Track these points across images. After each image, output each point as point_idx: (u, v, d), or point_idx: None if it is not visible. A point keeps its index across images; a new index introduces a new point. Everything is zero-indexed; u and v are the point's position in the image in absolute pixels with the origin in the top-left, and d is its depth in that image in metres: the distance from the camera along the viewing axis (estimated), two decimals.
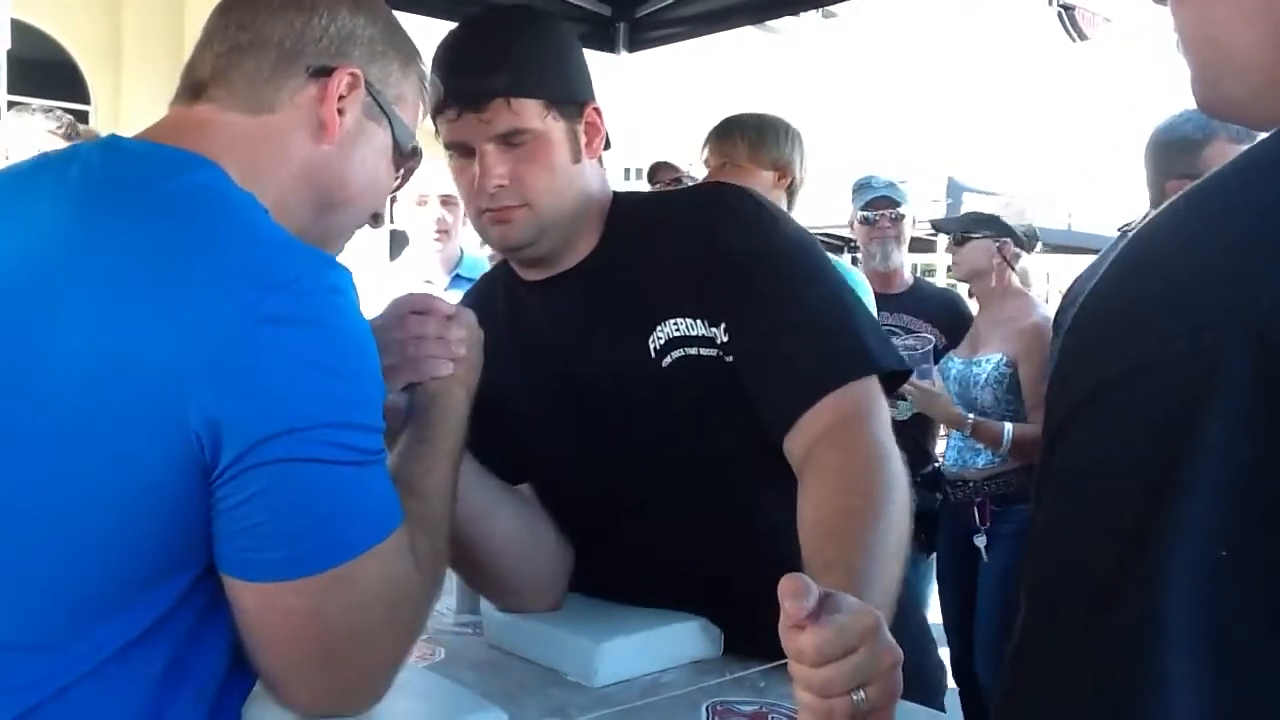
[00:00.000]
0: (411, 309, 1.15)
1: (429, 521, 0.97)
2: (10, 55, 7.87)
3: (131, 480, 0.80)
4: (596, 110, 1.33)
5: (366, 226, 1.08)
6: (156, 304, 0.80)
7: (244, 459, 0.80)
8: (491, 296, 1.43)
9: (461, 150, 1.28)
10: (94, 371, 0.79)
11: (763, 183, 2.44)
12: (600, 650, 1.18)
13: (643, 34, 3.21)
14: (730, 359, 1.22)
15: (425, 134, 1.22)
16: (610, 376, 1.29)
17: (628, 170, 6.33)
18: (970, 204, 3.78)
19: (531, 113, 1.25)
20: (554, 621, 1.27)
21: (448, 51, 1.29)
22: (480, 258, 3.32)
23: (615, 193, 1.40)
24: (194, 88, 0.97)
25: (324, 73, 0.98)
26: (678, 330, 1.25)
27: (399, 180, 1.09)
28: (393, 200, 2.89)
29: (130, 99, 9.27)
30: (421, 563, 0.91)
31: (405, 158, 1.07)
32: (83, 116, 8.55)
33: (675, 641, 1.24)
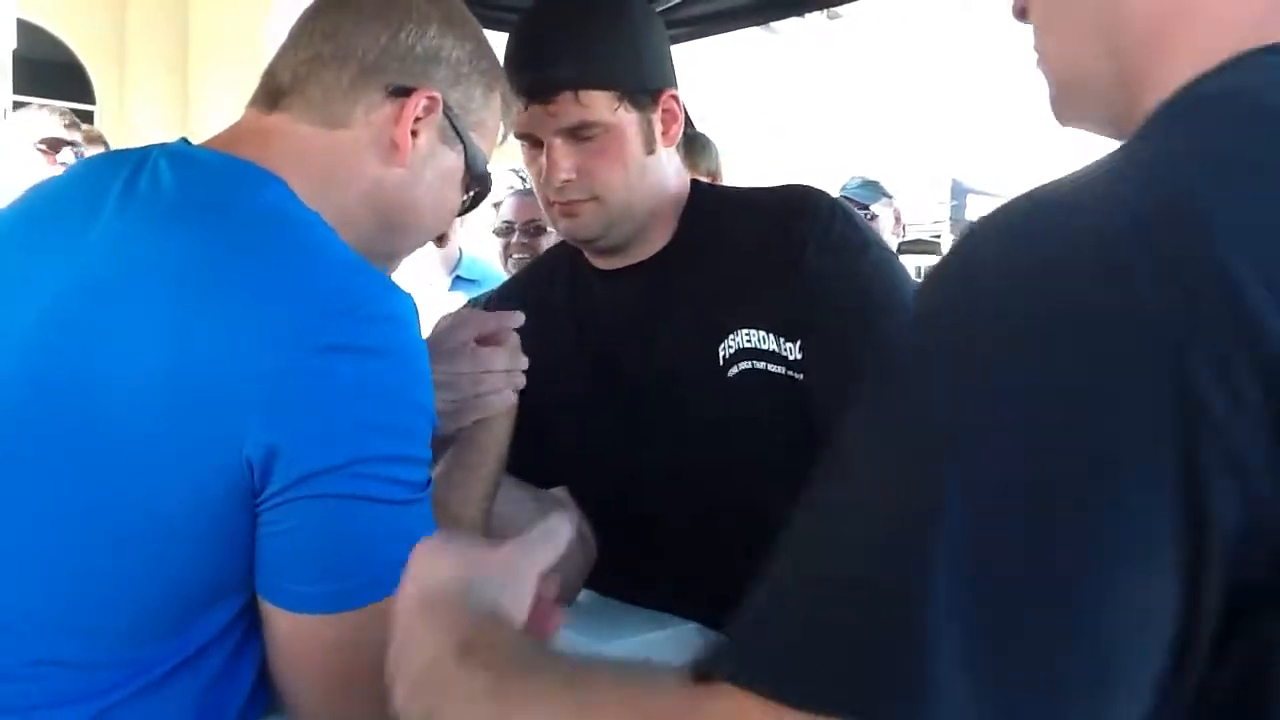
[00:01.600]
0: (479, 334, 1.10)
1: None
2: (16, 55, 7.90)
3: (188, 503, 0.79)
4: (674, 97, 1.27)
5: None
6: (218, 325, 0.79)
7: (292, 489, 0.78)
8: (550, 280, 1.39)
9: (531, 140, 1.24)
10: (155, 389, 0.78)
11: None
12: (603, 653, 1.18)
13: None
14: (800, 377, 1.18)
15: None
16: (671, 378, 1.25)
17: None
18: (974, 206, 3.80)
19: (601, 105, 1.20)
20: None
21: (517, 39, 1.25)
22: (479, 258, 3.32)
23: (694, 181, 1.35)
24: (272, 94, 0.95)
25: (403, 93, 0.95)
26: (749, 342, 1.20)
27: (468, 204, 1.05)
28: None
29: (135, 98, 9.29)
30: None
31: (475, 182, 1.04)
32: (87, 116, 8.58)
33: (679, 644, 1.24)
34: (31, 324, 0.84)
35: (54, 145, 2.63)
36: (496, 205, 3.40)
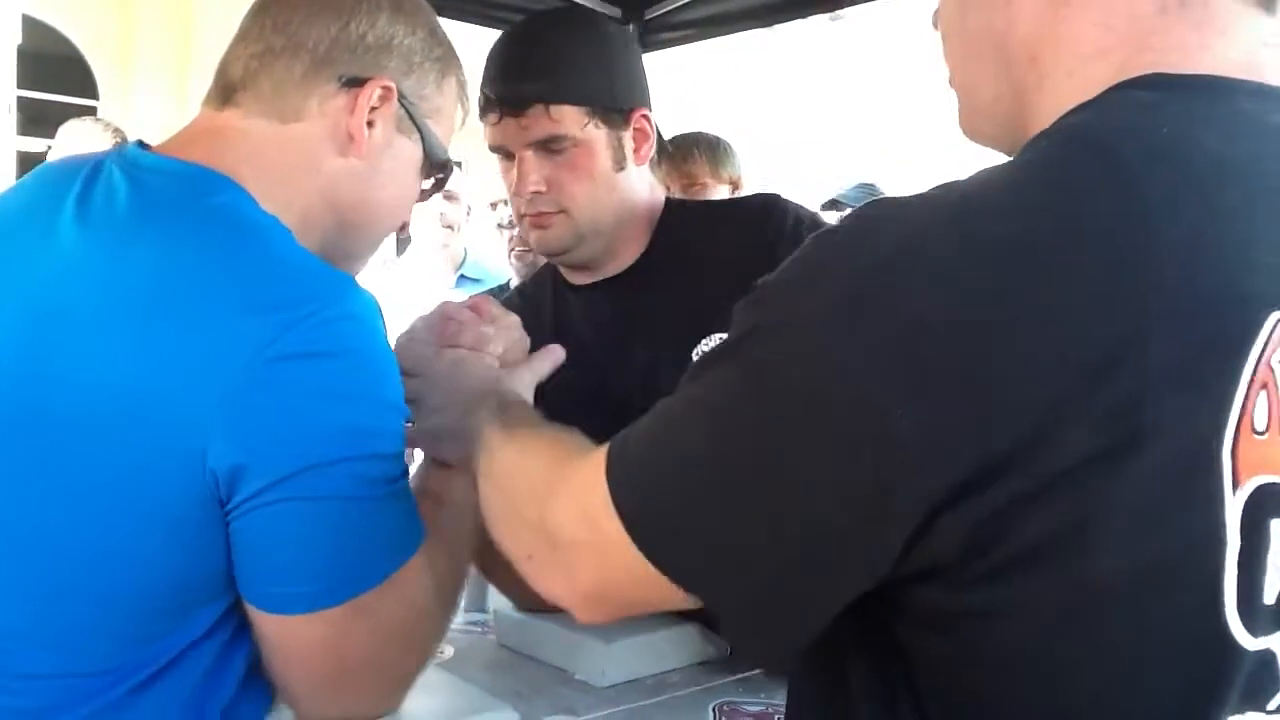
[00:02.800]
0: (445, 316, 1.11)
1: (453, 533, 0.96)
2: (20, 50, 7.90)
3: (156, 514, 0.79)
4: (646, 116, 1.29)
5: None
6: (171, 339, 0.79)
7: (259, 497, 0.79)
8: (539, 300, 1.41)
9: (504, 153, 1.27)
10: (115, 408, 0.78)
11: (719, 196, 2.59)
12: (609, 650, 1.19)
13: (652, 35, 3.21)
14: None
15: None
16: (645, 391, 1.27)
17: None
18: None
19: (571, 120, 1.23)
20: (563, 622, 1.28)
21: (495, 54, 1.28)
22: (481, 261, 3.33)
23: (668, 199, 1.37)
24: (224, 90, 0.94)
25: (356, 83, 0.94)
26: None
27: (428, 192, 1.06)
28: None
29: (139, 94, 9.28)
30: (440, 582, 0.91)
31: (435, 169, 1.04)
32: (91, 112, 8.57)
33: (682, 643, 1.25)
34: None
35: None
36: (500, 203, 3.41)
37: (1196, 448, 0.53)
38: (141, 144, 0.94)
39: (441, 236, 3.14)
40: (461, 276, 3.20)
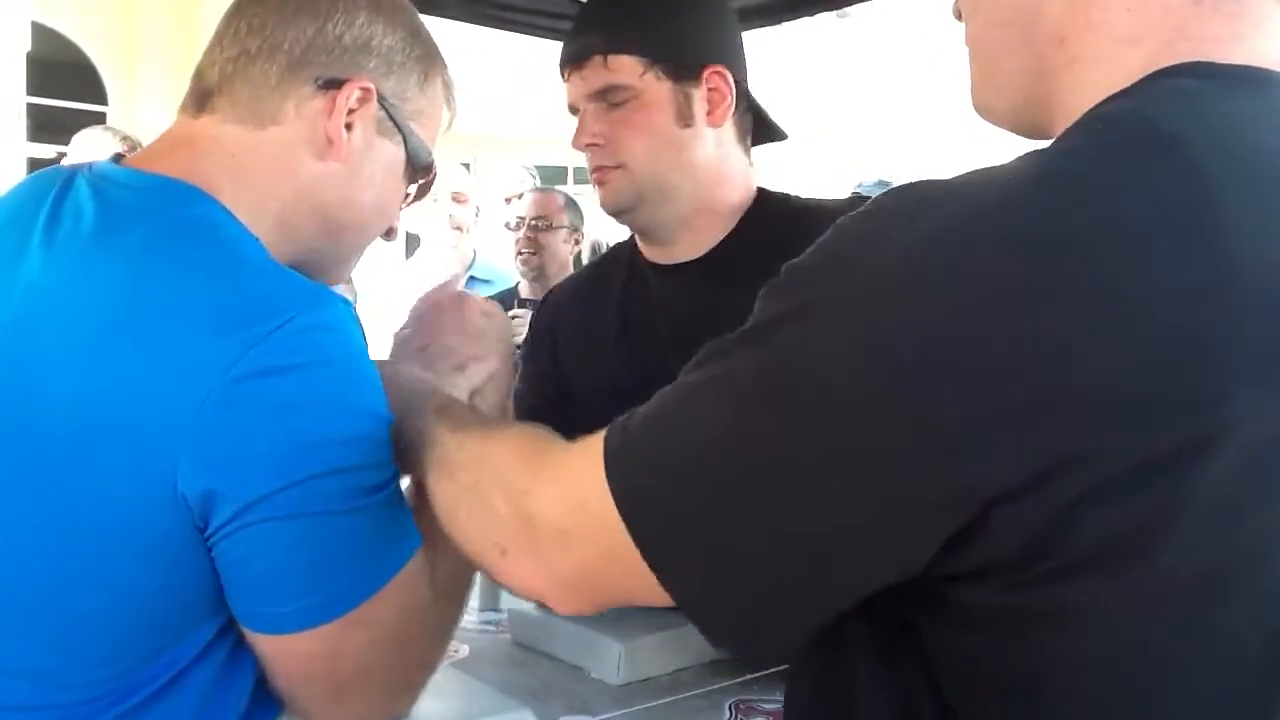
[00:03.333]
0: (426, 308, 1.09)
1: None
2: (29, 56, 7.93)
3: (128, 537, 0.77)
4: (721, 74, 1.26)
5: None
6: (136, 359, 0.76)
7: (236, 520, 0.77)
8: (610, 273, 1.39)
9: (575, 112, 1.27)
10: (81, 424, 0.76)
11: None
12: (624, 649, 1.19)
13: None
14: None
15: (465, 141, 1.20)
16: None
17: None
18: None
19: (628, 70, 1.22)
20: (578, 620, 1.27)
21: (574, 19, 1.30)
22: (490, 263, 3.33)
23: (762, 189, 1.34)
24: (200, 96, 0.92)
25: (333, 85, 0.91)
26: None
27: (411, 197, 1.03)
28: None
29: (147, 100, 9.31)
30: (440, 586, 0.89)
31: (419, 172, 1.01)
32: (100, 118, 8.61)
33: (698, 640, 1.23)
34: None
35: None
36: (514, 198, 3.41)
37: (1270, 444, 0.51)
38: (118, 157, 0.92)
39: (450, 238, 3.13)
40: (471, 278, 3.20)
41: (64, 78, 9.37)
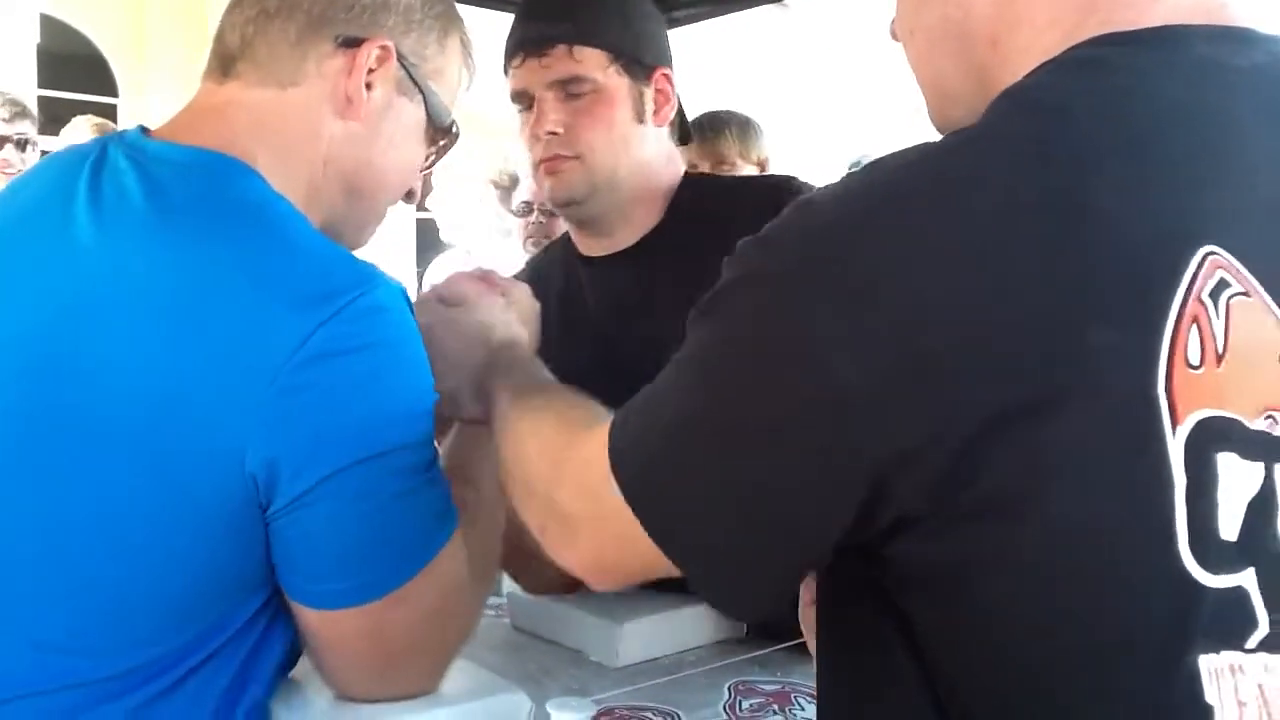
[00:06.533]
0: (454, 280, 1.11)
1: (483, 512, 0.96)
2: (39, 49, 7.96)
3: (188, 513, 0.79)
4: (667, 76, 1.29)
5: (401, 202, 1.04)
6: (205, 342, 0.78)
7: (300, 499, 0.79)
8: (548, 272, 1.40)
9: (525, 101, 1.26)
10: (145, 404, 0.78)
11: None
12: (622, 631, 1.18)
13: (668, 13, 3.19)
14: None
15: (511, 133, 1.19)
16: (654, 364, 1.28)
17: None
18: None
19: (593, 63, 1.23)
20: (576, 603, 1.27)
21: (524, 2, 1.29)
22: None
23: (687, 173, 1.36)
24: (224, 61, 0.92)
25: (353, 43, 0.91)
26: None
27: (432, 158, 1.03)
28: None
29: (156, 92, 9.33)
30: (473, 563, 0.91)
31: (440, 134, 1.01)
32: (110, 109, 8.63)
33: (696, 622, 1.24)
34: (15, 342, 0.82)
35: None
36: (498, 184, 3.44)
37: (1130, 391, 0.54)
38: (143, 129, 0.92)
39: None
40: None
41: (74, 70, 9.39)
